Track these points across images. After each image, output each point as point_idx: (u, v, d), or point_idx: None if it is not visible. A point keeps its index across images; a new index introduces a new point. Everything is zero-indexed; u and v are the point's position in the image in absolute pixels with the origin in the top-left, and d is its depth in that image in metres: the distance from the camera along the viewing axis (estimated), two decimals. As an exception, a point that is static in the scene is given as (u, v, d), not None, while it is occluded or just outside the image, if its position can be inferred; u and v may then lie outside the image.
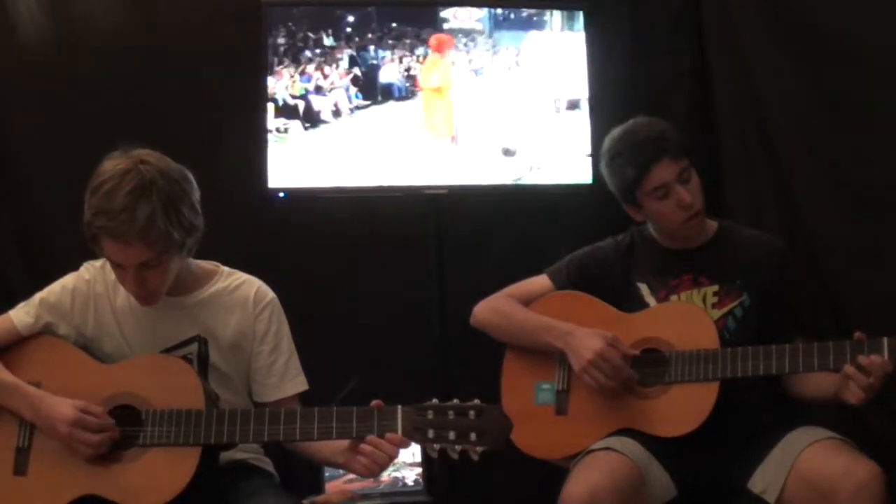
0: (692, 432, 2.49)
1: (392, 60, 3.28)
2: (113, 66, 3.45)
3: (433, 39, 3.32)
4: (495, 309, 2.81)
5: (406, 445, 2.26)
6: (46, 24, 3.42)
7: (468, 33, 3.30)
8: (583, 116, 3.35)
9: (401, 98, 3.28)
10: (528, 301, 2.79)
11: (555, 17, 3.35)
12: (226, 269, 2.54)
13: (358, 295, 3.54)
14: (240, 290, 2.49)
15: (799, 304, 2.73)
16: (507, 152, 3.32)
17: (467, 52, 3.31)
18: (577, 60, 3.37)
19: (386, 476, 3.13)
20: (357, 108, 3.26)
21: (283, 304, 2.53)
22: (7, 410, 2.36)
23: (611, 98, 3.46)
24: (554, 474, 2.59)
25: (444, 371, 3.28)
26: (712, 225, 2.76)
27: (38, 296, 2.47)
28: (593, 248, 2.83)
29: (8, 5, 3.39)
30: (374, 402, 2.26)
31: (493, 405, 2.24)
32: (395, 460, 2.35)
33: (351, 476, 3.04)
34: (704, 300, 2.67)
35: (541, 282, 2.83)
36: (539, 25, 3.35)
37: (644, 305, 2.70)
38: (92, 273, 2.49)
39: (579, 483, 2.41)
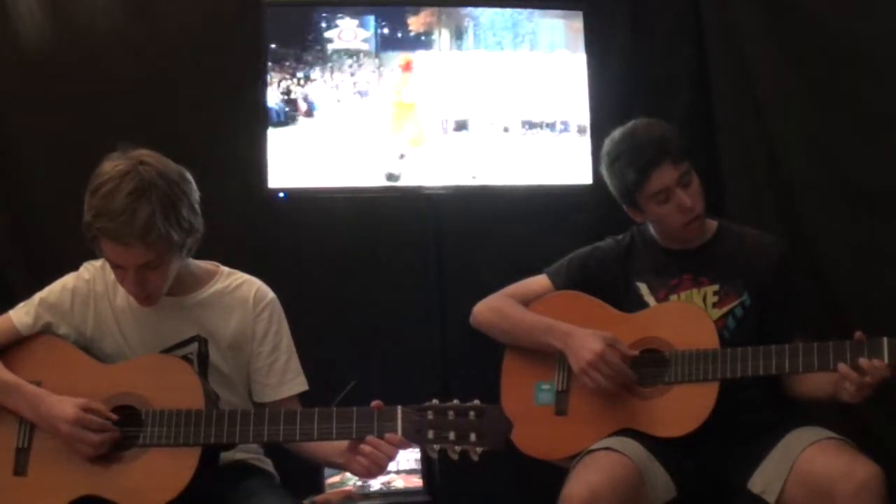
0: (692, 432, 2.49)
1: (271, 84, 3.22)
2: (113, 66, 3.45)
3: (402, 59, 3.27)
4: (495, 309, 2.81)
5: (406, 446, 2.26)
6: (47, 23, 3.42)
7: (353, 54, 3.22)
8: (471, 137, 3.26)
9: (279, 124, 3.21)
10: (527, 301, 2.79)
11: (443, 36, 3.26)
12: (226, 269, 2.54)
13: (357, 295, 3.54)
14: (240, 290, 2.50)
15: (799, 304, 2.72)
16: (391, 177, 3.25)
17: (352, 73, 3.22)
18: (465, 80, 3.27)
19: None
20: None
21: (282, 304, 2.54)
22: (7, 410, 2.36)
23: (610, 99, 3.46)
24: (554, 474, 2.58)
25: (443, 371, 3.29)
26: (712, 225, 2.76)
27: (37, 296, 2.47)
28: (593, 248, 2.83)
29: (8, 5, 3.39)
30: (373, 403, 2.26)
31: (493, 405, 2.24)
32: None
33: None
34: (704, 300, 2.67)
35: (540, 282, 2.83)
36: (427, 45, 3.25)
37: (644, 305, 2.70)
38: (92, 273, 2.49)
39: (579, 483, 2.41)
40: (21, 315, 2.44)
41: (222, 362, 2.47)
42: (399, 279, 3.52)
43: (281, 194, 3.24)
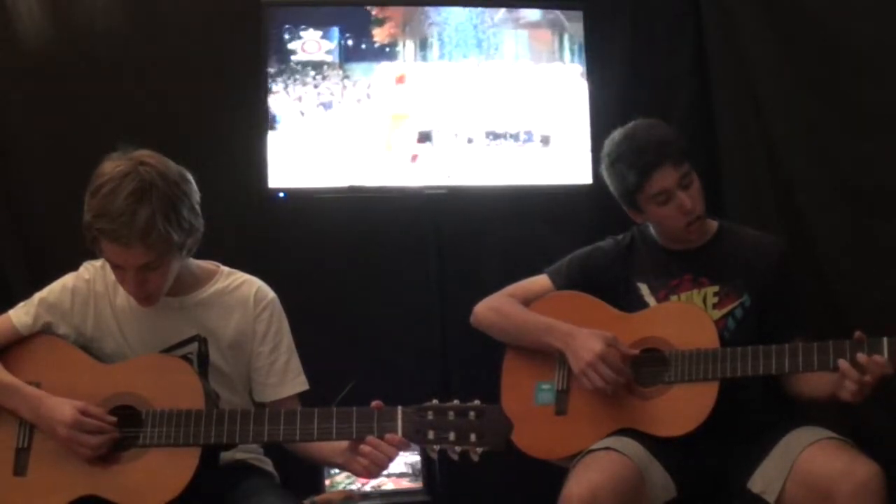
0: (692, 432, 2.49)
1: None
2: (113, 67, 3.44)
3: (397, 72, 3.29)
4: (495, 309, 2.81)
5: (406, 447, 2.26)
6: (46, 23, 3.41)
7: (318, 66, 3.22)
8: (435, 149, 3.26)
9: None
10: (528, 301, 2.79)
11: (408, 48, 3.26)
12: (226, 269, 2.54)
13: (357, 295, 3.54)
14: (240, 289, 2.50)
15: (799, 305, 2.73)
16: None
17: (315, 85, 3.22)
18: (430, 91, 3.27)
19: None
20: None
21: (282, 303, 2.54)
22: (7, 411, 2.36)
23: (610, 99, 3.46)
24: (554, 474, 2.59)
25: (443, 371, 3.29)
26: (712, 225, 2.76)
27: (37, 295, 2.47)
28: (593, 249, 2.83)
29: (8, 5, 3.39)
30: (374, 403, 2.26)
31: (493, 405, 2.24)
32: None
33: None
34: (705, 300, 2.67)
35: (541, 282, 2.83)
36: (391, 56, 3.25)
37: (644, 305, 2.70)
38: (91, 273, 2.49)
39: (579, 483, 2.40)
40: (21, 315, 2.45)
41: (222, 362, 2.47)
42: (399, 279, 3.52)
43: (281, 194, 3.25)
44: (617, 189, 2.72)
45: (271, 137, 3.22)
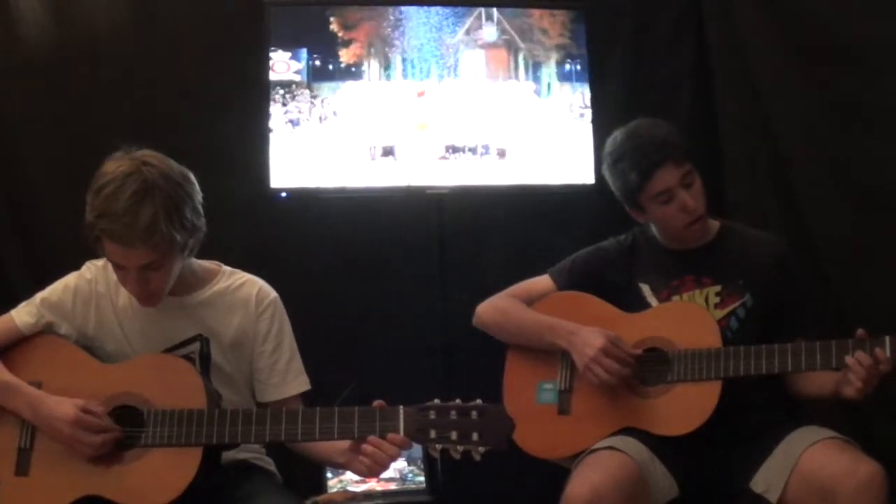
0: (694, 432, 2.49)
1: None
2: (115, 66, 3.45)
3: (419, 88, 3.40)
4: (498, 309, 2.81)
5: (408, 446, 2.25)
6: (49, 23, 3.42)
7: (286, 85, 3.31)
8: (396, 164, 3.37)
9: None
10: (530, 301, 2.79)
11: (372, 67, 3.37)
12: (228, 268, 2.53)
13: (360, 294, 3.54)
14: (242, 289, 2.49)
15: (801, 304, 2.72)
16: (353, 189, 3.35)
17: (284, 104, 3.30)
18: (392, 108, 3.38)
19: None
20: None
21: (284, 303, 2.53)
22: (8, 411, 2.36)
23: (612, 100, 3.46)
24: (556, 474, 2.58)
25: (446, 371, 3.29)
26: (714, 225, 2.76)
27: (39, 295, 2.47)
28: (595, 249, 2.83)
29: (11, 5, 3.40)
30: (376, 403, 2.26)
31: (496, 405, 2.23)
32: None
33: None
34: (707, 300, 2.67)
35: (543, 282, 2.83)
36: (357, 76, 3.37)
37: (646, 305, 2.70)
38: (93, 272, 2.48)
39: (582, 483, 2.40)
40: (23, 315, 2.44)
41: (224, 362, 2.47)
42: (401, 279, 3.52)
43: (283, 194, 3.28)
44: (619, 188, 2.72)
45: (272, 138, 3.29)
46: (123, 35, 3.46)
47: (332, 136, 3.33)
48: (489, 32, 3.45)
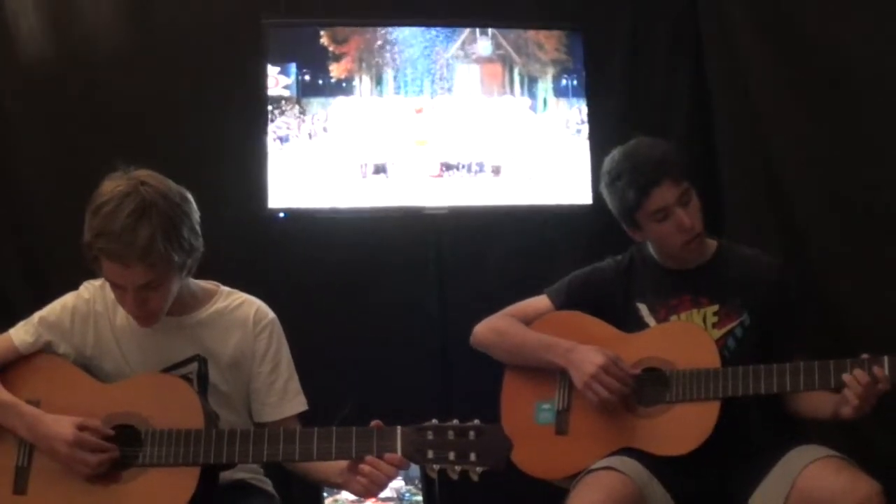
0: (693, 451, 2.48)
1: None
2: (113, 86, 3.45)
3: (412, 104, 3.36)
4: (495, 329, 2.81)
5: (406, 466, 2.25)
6: (47, 42, 3.43)
7: (275, 101, 3.26)
8: (389, 182, 3.31)
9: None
10: (528, 321, 2.80)
11: (364, 83, 3.32)
12: (225, 288, 2.54)
13: (358, 315, 3.53)
14: (240, 309, 2.49)
15: (799, 323, 2.73)
16: (354, 210, 3.31)
17: (272, 120, 3.25)
18: (384, 124, 3.32)
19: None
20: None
21: (282, 323, 2.54)
22: (6, 429, 2.36)
23: (609, 118, 3.46)
24: (555, 494, 2.59)
25: (444, 391, 3.28)
26: (711, 244, 2.76)
27: (37, 315, 2.47)
28: (593, 269, 2.84)
29: (10, 23, 3.40)
30: (373, 423, 2.26)
31: (494, 425, 2.23)
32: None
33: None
34: (705, 320, 2.67)
35: (541, 302, 2.83)
36: (348, 91, 3.30)
37: (644, 325, 2.70)
38: (91, 292, 2.49)
39: (580, 502, 2.40)
40: (21, 334, 2.44)
41: (222, 382, 2.47)
42: (399, 299, 3.51)
43: (281, 214, 3.25)
44: (616, 206, 2.72)
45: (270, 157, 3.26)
46: (122, 55, 3.46)
47: (322, 153, 3.28)
48: (484, 47, 3.41)
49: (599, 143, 3.19)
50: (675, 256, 2.72)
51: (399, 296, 3.50)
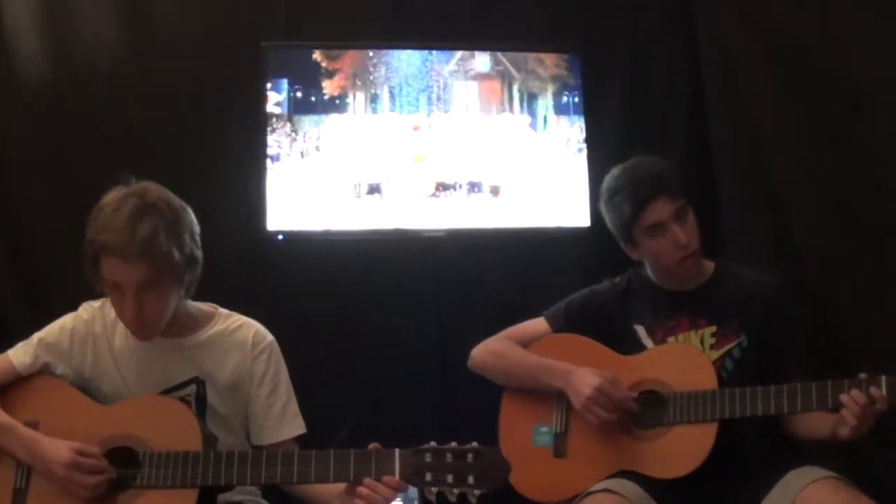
0: (691, 473, 2.49)
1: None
2: (112, 108, 3.45)
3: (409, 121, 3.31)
4: (493, 351, 2.82)
5: (404, 489, 2.24)
6: (47, 65, 3.43)
7: (266, 118, 3.20)
8: (383, 202, 3.24)
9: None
10: (525, 344, 2.80)
11: (358, 100, 3.24)
12: (224, 311, 2.54)
13: (356, 337, 3.52)
14: (238, 332, 2.50)
15: (797, 344, 2.74)
16: (352, 233, 3.25)
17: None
18: (378, 143, 3.25)
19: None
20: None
21: (280, 346, 2.54)
22: (4, 451, 2.36)
23: (607, 139, 3.47)
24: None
25: (442, 414, 3.28)
26: (709, 266, 2.77)
27: (36, 336, 2.47)
28: (590, 291, 2.84)
29: (8, 42, 3.41)
30: (371, 445, 2.26)
31: (492, 448, 2.23)
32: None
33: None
34: (702, 341, 2.68)
35: (538, 325, 2.84)
36: (341, 108, 3.23)
37: (642, 347, 2.71)
38: (91, 313, 2.49)
39: (578, 525, 2.41)
40: (20, 355, 2.45)
41: (220, 404, 2.47)
42: (398, 322, 3.50)
43: (280, 236, 3.22)
44: (613, 222, 2.74)
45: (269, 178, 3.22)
46: (121, 77, 3.46)
47: (314, 173, 3.20)
48: (482, 63, 3.36)
49: (597, 165, 3.19)
50: (671, 275, 2.73)
51: (397, 318, 3.50)
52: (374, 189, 3.25)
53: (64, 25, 3.46)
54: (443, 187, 3.30)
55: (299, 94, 3.23)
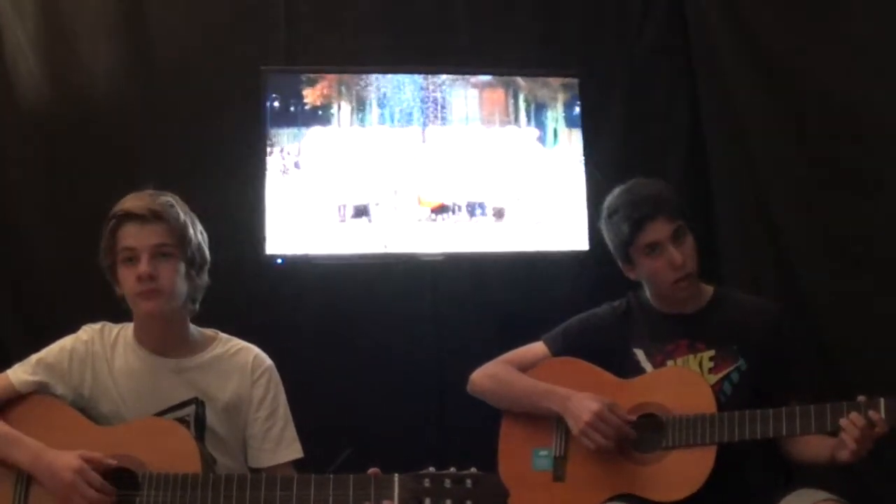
0: (690, 496, 2.48)
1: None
2: (111, 129, 3.46)
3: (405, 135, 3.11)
4: (492, 376, 2.81)
5: (402, 514, 2.25)
6: (46, 86, 3.44)
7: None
8: (372, 226, 2.97)
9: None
10: (524, 368, 2.80)
11: (343, 111, 2.95)
12: (224, 335, 2.56)
13: (354, 361, 3.51)
14: (238, 355, 2.52)
15: (796, 368, 2.74)
16: (349, 256, 3.06)
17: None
18: (367, 158, 2.96)
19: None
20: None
21: (279, 369, 2.55)
22: (6, 464, 2.36)
23: (605, 163, 3.48)
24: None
25: (441, 438, 3.27)
26: (708, 290, 2.78)
27: (35, 356, 2.49)
28: (589, 315, 2.85)
29: (9, 66, 3.42)
30: (371, 470, 2.26)
31: (490, 473, 2.23)
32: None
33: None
34: (701, 365, 2.68)
35: (537, 348, 2.84)
36: (324, 120, 2.92)
37: (640, 371, 2.71)
38: (90, 334, 2.51)
39: (576, 549, 2.41)
40: (19, 374, 2.46)
41: (218, 426, 2.48)
42: (396, 345, 3.50)
43: (278, 260, 3.16)
44: (612, 241, 2.75)
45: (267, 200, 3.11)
46: (120, 98, 3.47)
47: (295, 193, 2.93)
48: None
49: (596, 188, 3.20)
50: (667, 296, 2.73)
51: (396, 342, 3.49)
52: (361, 212, 3.00)
53: (63, 48, 3.47)
54: (440, 210, 3.07)
55: (277, 104, 2.95)
